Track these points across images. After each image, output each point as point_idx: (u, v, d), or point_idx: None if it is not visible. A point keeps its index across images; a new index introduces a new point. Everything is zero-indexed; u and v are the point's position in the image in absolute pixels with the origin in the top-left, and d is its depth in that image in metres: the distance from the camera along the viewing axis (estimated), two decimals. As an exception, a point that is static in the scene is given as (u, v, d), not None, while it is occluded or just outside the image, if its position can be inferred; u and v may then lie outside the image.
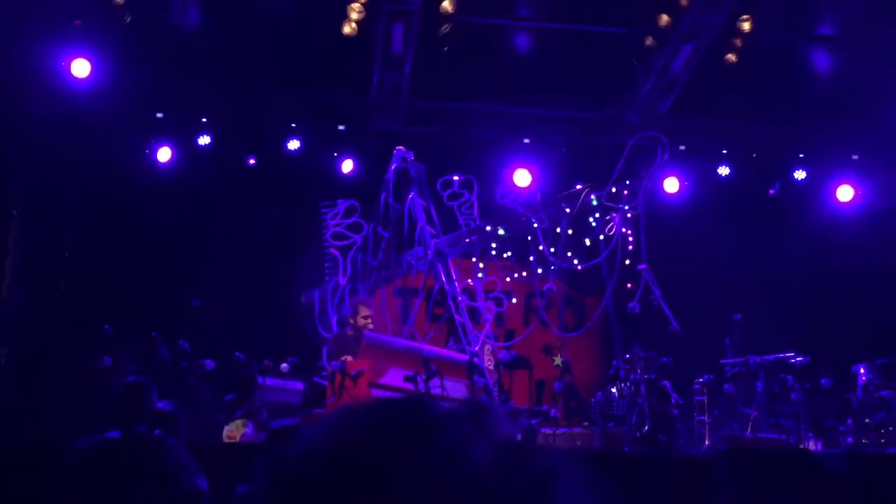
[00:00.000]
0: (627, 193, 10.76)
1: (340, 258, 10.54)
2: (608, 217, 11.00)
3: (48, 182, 10.46)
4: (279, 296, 10.96)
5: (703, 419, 9.37)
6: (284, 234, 11.41)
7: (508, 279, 11.31)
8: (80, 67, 10.21)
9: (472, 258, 11.07)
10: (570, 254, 11.20)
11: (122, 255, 11.15)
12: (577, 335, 11.26)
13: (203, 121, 11.49)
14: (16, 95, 10.10)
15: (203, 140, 11.48)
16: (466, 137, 11.80)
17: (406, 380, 7.35)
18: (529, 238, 11.03)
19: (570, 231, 11.22)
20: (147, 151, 11.42)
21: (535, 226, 10.92)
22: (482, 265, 11.04)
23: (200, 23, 10.20)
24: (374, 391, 7.48)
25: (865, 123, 11.71)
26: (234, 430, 8.55)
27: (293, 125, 11.67)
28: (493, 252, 11.19)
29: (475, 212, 10.55)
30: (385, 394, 7.35)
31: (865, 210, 12.44)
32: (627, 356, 9.61)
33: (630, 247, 10.60)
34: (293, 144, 11.64)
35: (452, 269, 10.09)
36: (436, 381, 7.36)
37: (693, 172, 12.38)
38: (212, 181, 11.47)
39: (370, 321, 8.73)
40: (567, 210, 11.17)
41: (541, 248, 10.86)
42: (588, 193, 11.12)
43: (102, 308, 10.18)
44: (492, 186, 11.16)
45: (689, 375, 9.61)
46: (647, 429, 8.95)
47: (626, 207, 10.70)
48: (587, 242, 11.23)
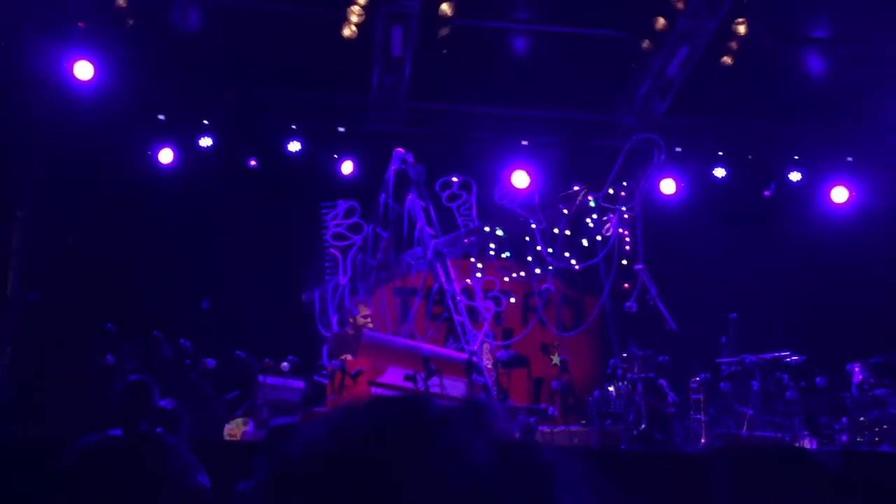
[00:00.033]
0: (624, 194, 10.83)
1: (340, 258, 10.57)
2: (605, 218, 11.06)
3: (51, 183, 10.47)
4: (280, 295, 11.03)
5: (700, 417, 9.41)
6: (285, 235, 11.45)
7: (507, 279, 11.36)
8: (84, 70, 10.24)
9: (471, 258, 11.10)
10: (568, 254, 11.29)
11: (124, 255, 11.18)
12: (575, 334, 11.32)
13: (205, 123, 11.54)
14: (20, 97, 10.11)
15: (205, 142, 11.54)
16: (465, 139, 11.84)
17: (405, 378, 7.37)
18: (527, 238, 11.08)
19: (568, 231, 11.29)
20: (149, 153, 11.47)
21: (533, 226, 10.98)
22: (481, 265, 11.08)
23: (202, 25, 10.26)
24: (374, 390, 7.49)
25: (860, 125, 11.80)
26: (235, 428, 8.61)
27: (294, 127, 11.71)
28: (492, 252, 11.24)
29: (474, 212, 10.59)
30: (385, 392, 7.36)
31: (860, 211, 12.49)
32: (624, 355, 9.64)
33: (627, 247, 10.66)
34: (294, 146, 11.68)
35: (451, 269, 10.11)
36: (435, 380, 7.41)
37: (689, 174, 12.44)
38: (213, 182, 11.51)
39: (370, 320, 8.79)
40: (565, 211, 11.24)
41: (539, 249, 10.91)
42: (585, 194, 11.19)
43: (104, 307, 10.23)
44: (490, 187, 11.22)
45: (686, 374, 9.63)
46: (644, 427, 9.01)
47: (623, 208, 10.76)
48: (584, 243, 11.29)
